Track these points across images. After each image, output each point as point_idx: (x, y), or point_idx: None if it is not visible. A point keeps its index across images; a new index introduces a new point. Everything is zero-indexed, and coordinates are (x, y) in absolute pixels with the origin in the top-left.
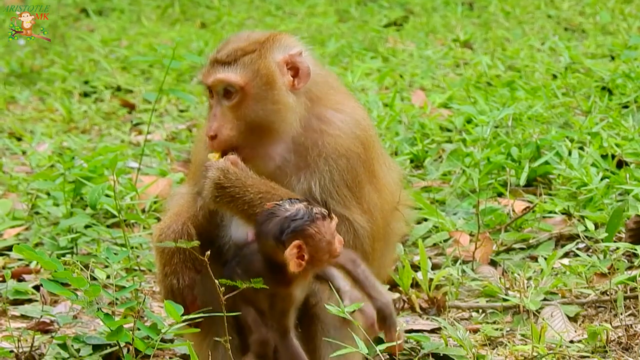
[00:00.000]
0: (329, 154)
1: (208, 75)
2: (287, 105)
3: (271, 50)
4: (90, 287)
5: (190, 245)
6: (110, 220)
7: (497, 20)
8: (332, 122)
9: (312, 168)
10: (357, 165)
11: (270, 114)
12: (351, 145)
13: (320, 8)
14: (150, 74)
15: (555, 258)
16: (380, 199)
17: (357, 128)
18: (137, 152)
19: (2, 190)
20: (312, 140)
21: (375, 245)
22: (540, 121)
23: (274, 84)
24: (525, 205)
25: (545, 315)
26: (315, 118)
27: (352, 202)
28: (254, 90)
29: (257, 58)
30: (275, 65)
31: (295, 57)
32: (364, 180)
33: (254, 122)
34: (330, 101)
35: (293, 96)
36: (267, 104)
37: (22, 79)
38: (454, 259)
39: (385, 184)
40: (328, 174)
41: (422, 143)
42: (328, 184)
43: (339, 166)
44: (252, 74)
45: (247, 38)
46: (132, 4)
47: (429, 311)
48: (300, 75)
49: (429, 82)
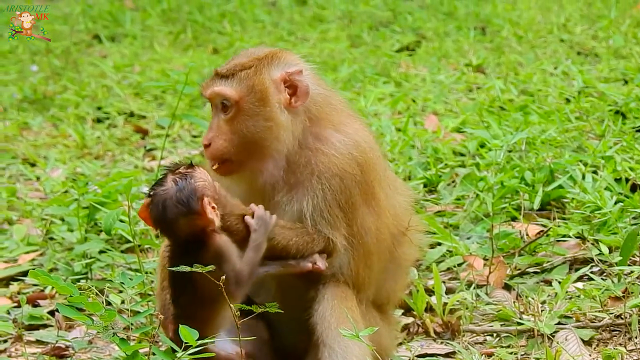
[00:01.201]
0: (322, 173)
1: (207, 88)
2: (280, 123)
3: (268, 67)
4: (106, 312)
5: (206, 270)
6: (125, 245)
7: (510, 44)
8: (329, 141)
9: (305, 186)
10: (352, 187)
11: (262, 131)
12: (346, 165)
13: (332, 33)
14: (163, 100)
15: (569, 282)
16: (379, 222)
17: (355, 149)
18: (151, 178)
19: (17, 216)
20: (306, 159)
21: (367, 269)
22: (554, 145)
23: (267, 101)
24: (539, 229)
25: (559, 339)
26: (312, 137)
27: (342, 223)
28: (248, 105)
29: (253, 74)
30: (270, 82)
31: (294, 75)
32: (358, 202)
33: (246, 137)
34: (331, 121)
35: (288, 115)
36: (259, 120)
37: (36, 105)
38: (468, 283)
39: (386, 207)
40: (320, 192)
41: (436, 167)
42: (320, 203)
43: (332, 186)
44: (246, 90)
45: (249, 54)
46: (145, 30)
47: (443, 335)
48: (298, 94)
49: (441, 107)
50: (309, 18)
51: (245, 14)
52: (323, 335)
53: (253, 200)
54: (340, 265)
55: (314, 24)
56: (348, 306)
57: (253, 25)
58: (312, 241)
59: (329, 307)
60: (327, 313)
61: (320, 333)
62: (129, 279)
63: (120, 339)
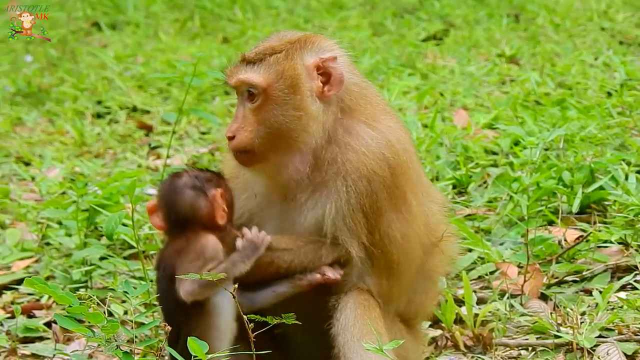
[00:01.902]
0: (349, 174)
1: (232, 75)
2: (310, 113)
3: (301, 51)
4: (108, 324)
5: (217, 277)
6: (128, 251)
7: (546, 33)
8: (360, 136)
9: (330, 188)
10: (379, 190)
11: (291, 121)
12: (375, 167)
13: (352, 21)
14: (168, 93)
15: (611, 291)
16: (407, 229)
17: (387, 149)
18: (156, 178)
19: (10, 219)
20: (333, 155)
21: (392, 280)
22: (594, 143)
23: (297, 89)
24: (578, 234)
25: (600, 353)
26: (343, 130)
27: (363, 230)
28: (277, 93)
29: (284, 58)
30: (302, 68)
31: (328, 62)
32: (384, 207)
33: (273, 127)
34: (364, 115)
35: (320, 104)
36: (289, 109)
37: (30, 99)
38: (501, 292)
39: (417, 215)
40: (345, 195)
41: (466, 167)
42: (343, 207)
43: (357, 188)
44: (276, 76)
45: (280, 37)
46: (148, 18)
47: (474, 349)
48: (331, 82)
49: (472, 101)
50: (328, 4)
51: (257, 0)
52: (344, 348)
53: (273, 196)
54: (361, 275)
55: (332, 10)
56: (372, 317)
57: (266, 12)
58: (319, 258)
59: (352, 316)
60: (350, 323)
61: (341, 345)
62: (132, 288)
63: (123, 352)
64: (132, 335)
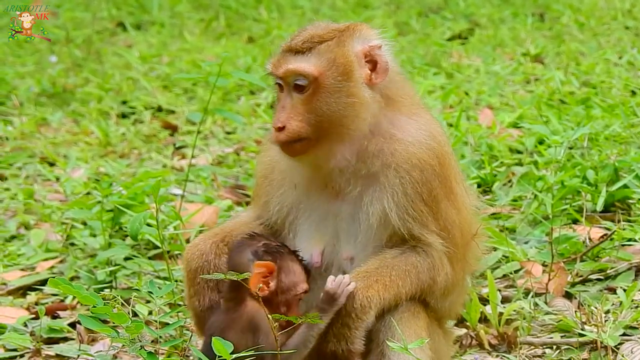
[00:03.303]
0: (400, 164)
1: (279, 66)
2: (363, 100)
3: (350, 39)
4: (132, 324)
5: (241, 277)
6: (152, 251)
7: (571, 32)
8: (405, 128)
9: (381, 181)
10: (432, 179)
11: (345, 108)
12: (424, 156)
13: (377, 20)
14: (193, 93)
15: (635, 289)
16: (460, 217)
17: (432, 139)
18: (181, 178)
19: (35, 220)
20: (378, 147)
21: (462, 263)
22: (619, 141)
23: (351, 76)
24: (602, 232)
25: (625, 352)
26: (387, 121)
27: (429, 219)
28: (329, 81)
29: (335, 46)
30: (354, 55)
31: (375, 50)
32: (440, 195)
33: (325, 114)
34: (405, 106)
35: (369, 91)
36: (341, 97)
37: (55, 99)
38: (525, 291)
39: (464, 204)
40: (400, 187)
41: (490, 166)
42: (402, 199)
43: (412, 178)
44: (327, 64)
45: (325, 27)
46: (173, 17)
47: (498, 348)
48: (378, 70)
49: (497, 100)
50: (353, 4)
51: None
52: (383, 345)
53: (313, 187)
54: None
55: (357, 10)
56: (418, 324)
57: (292, 12)
58: (414, 268)
59: (397, 318)
60: (393, 324)
61: (381, 342)
62: (157, 288)
63: (148, 352)
64: (156, 336)
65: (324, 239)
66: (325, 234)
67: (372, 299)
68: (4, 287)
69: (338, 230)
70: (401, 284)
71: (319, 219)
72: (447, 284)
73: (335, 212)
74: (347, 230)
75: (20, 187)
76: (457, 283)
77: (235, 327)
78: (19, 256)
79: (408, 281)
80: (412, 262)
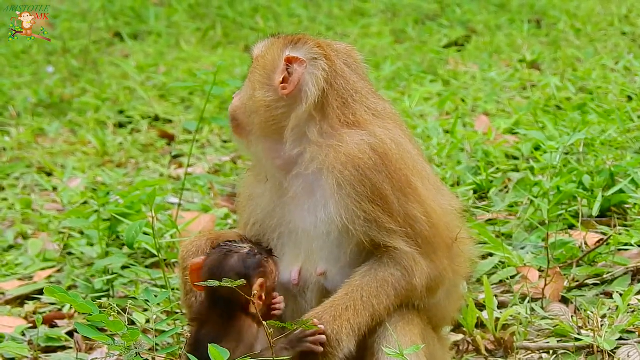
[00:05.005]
0: (332, 164)
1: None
2: (271, 103)
3: (288, 45)
4: (129, 332)
5: (236, 284)
6: (149, 260)
7: (567, 38)
8: (344, 139)
9: (322, 187)
10: (373, 175)
11: (260, 100)
12: (357, 153)
13: (374, 28)
14: (190, 102)
15: (631, 294)
16: (423, 209)
17: (371, 137)
18: (178, 187)
19: (32, 229)
20: (313, 155)
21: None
22: (615, 147)
23: (271, 75)
24: (598, 237)
25: (621, 356)
26: (322, 132)
27: (384, 218)
28: (258, 70)
29: (275, 43)
30: (280, 59)
31: (294, 63)
32: (387, 190)
33: (249, 100)
34: (356, 122)
35: (284, 99)
36: (262, 89)
37: (52, 110)
38: (522, 296)
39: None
40: (337, 188)
41: (487, 172)
42: (346, 200)
43: (346, 177)
44: (263, 52)
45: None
46: (170, 27)
47: (495, 353)
48: (289, 82)
49: (493, 107)
50: (349, 12)
51: (279, 8)
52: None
53: (269, 192)
54: (415, 259)
55: (354, 18)
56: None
57: (288, 21)
58: (386, 283)
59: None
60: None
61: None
62: (153, 296)
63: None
64: (153, 343)
65: (300, 257)
66: (300, 251)
67: (342, 329)
68: (2, 297)
69: (309, 245)
70: (376, 302)
71: (288, 232)
72: (428, 281)
73: (297, 222)
74: (317, 244)
75: (17, 197)
76: (442, 275)
77: (227, 339)
78: (16, 266)
79: (383, 297)
80: (382, 277)
